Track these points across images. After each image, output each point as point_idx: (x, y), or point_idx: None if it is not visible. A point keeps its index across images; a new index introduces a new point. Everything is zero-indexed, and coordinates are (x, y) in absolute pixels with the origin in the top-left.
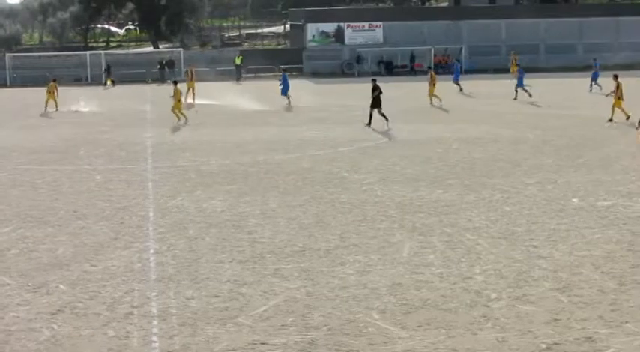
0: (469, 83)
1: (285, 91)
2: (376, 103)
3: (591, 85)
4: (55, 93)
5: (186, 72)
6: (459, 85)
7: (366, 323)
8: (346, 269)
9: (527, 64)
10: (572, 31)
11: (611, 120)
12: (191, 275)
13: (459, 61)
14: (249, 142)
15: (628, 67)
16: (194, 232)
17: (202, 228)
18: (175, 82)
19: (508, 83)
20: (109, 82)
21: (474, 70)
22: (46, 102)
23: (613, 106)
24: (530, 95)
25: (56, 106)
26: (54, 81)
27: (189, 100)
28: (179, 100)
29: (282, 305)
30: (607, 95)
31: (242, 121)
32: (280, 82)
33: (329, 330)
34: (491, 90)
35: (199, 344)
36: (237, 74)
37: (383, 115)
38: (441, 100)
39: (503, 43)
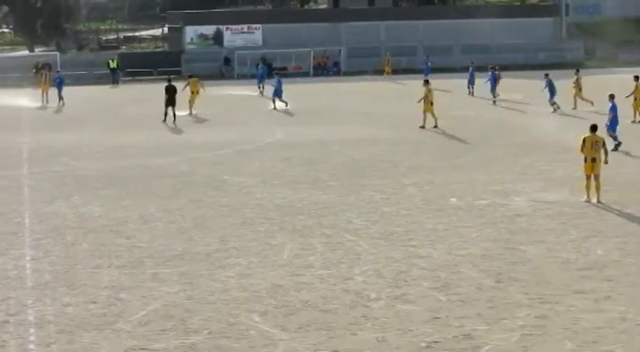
0: (349, 85)
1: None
2: (170, 102)
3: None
4: None
5: (40, 75)
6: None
7: (246, 326)
8: (226, 273)
9: (406, 65)
10: (450, 33)
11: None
12: (68, 281)
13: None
14: (128, 146)
15: (504, 68)
16: (71, 238)
17: (80, 234)
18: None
19: (387, 85)
20: None
21: (353, 72)
22: None
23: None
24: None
25: None
26: None
27: (44, 102)
28: None
29: (162, 310)
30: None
31: (121, 125)
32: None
33: (209, 334)
34: (371, 92)
35: (78, 351)
36: (113, 78)
37: (174, 114)
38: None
39: (383, 45)
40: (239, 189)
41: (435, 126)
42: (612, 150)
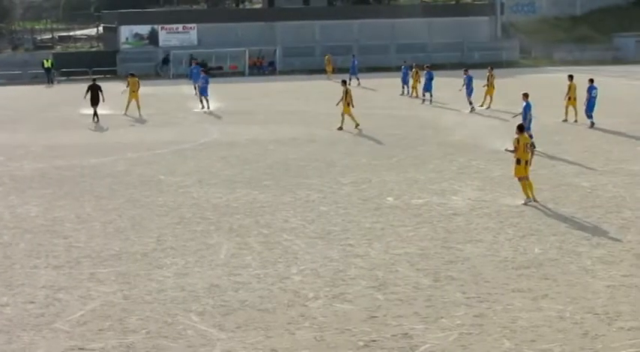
0: (285, 84)
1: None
2: (94, 101)
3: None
4: None
5: None
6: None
7: (184, 326)
8: (164, 272)
9: (341, 64)
10: (386, 32)
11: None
12: (6, 281)
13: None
14: (64, 146)
15: (440, 67)
16: (8, 238)
17: (17, 234)
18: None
19: (323, 84)
20: None
21: (288, 71)
22: None
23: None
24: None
25: None
26: None
27: None
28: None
29: (100, 310)
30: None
31: (56, 125)
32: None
33: (147, 334)
34: (306, 91)
35: (15, 351)
36: (47, 77)
37: (95, 113)
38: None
39: (318, 44)
40: (175, 188)
41: (357, 126)
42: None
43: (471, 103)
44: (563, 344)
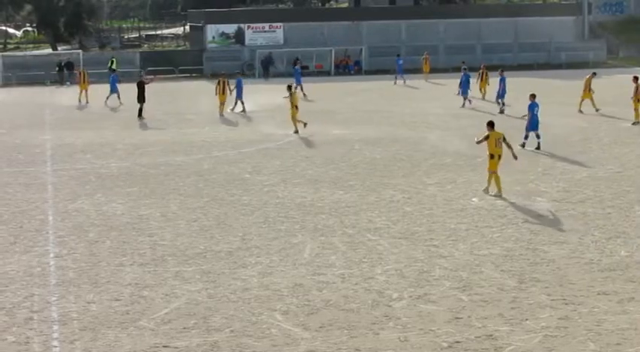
0: (370, 84)
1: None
2: (141, 98)
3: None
4: None
5: (78, 73)
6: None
7: (268, 325)
8: (248, 271)
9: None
10: (471, 32)
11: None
12: (92, 278)
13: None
14: (150, 144)
15: (528, 67)
16: (94, 235)
17: (103, 231)
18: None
19: (409, 83)
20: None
21: (374, 71)
22: None
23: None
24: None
25: None
26: None
27: (84, 102)
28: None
29: (184, 308)
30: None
31: (141, 123)
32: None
33: (231, 332)
34: (393, 91)
35: (100, 348)
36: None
37: (141, 110)
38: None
39: (403, 44)
40: (260, 187)
41: (296, 132)
42: (536, 148)
43: (502, 104)
44: None
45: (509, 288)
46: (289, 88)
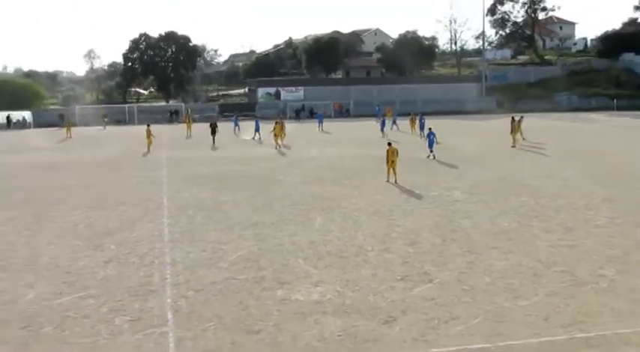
0: (356, 122)
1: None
2: (213, 132)
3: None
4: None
5: (186, 113)
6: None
7: (294, 266)
8: (282, 234)
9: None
10: (415, 92)
11: None
12: (189, 238)
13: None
14: (224, 158)
15: (449, 112)
16: (191, 212)
17: (196, 209)
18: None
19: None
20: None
21: (358, 115)
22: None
23: None
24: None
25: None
26: (148, 126)
27: (189, 134)
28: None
29: (244, 255)
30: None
31: (219, 146)
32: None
33: (273, 270)
34: (370, 126)
35: (196, 280)
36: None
37: (214, 140)
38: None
39: (375, 99)
40: (288, 184)
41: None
42: (430, 157)
43: (421, 135)
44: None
45: (437, 244)
46: (276, 122)
